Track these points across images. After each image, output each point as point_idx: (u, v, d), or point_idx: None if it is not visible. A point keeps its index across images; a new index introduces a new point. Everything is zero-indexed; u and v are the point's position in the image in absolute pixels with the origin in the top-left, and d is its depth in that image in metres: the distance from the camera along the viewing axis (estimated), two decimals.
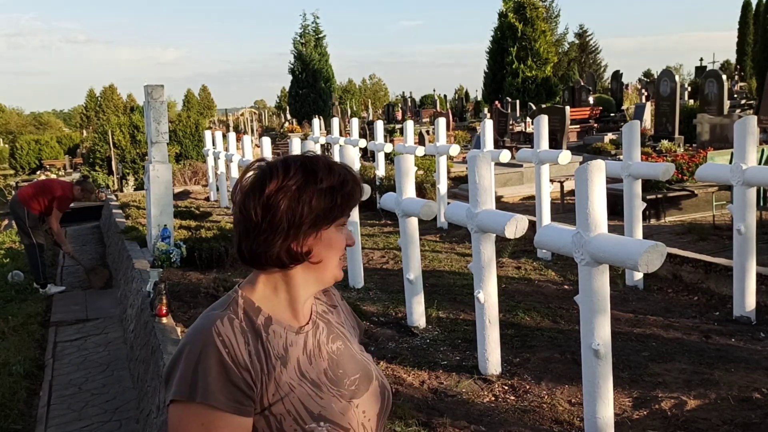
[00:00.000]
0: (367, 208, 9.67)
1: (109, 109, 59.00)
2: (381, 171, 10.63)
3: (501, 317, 4.44)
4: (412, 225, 5.13)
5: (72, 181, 9.53)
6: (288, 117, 35.33)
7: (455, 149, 8.68)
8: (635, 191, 5.81)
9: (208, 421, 1.20)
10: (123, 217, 10.24)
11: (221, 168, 12.01)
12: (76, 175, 19.35)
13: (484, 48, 36.36)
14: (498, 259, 5.37)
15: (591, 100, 23.08)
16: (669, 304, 5.58)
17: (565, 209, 9.11)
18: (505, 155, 7.89)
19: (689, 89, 25.30)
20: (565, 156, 6.72)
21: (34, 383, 5.60)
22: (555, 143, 11.43)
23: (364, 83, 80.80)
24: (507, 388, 4.03)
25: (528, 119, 20.44)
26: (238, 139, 12.55)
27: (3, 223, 13.83)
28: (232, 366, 1.22)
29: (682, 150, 12.27)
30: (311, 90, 33.82)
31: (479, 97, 36.70)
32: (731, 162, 5.34)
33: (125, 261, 7.66)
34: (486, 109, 27.58)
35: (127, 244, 8.16)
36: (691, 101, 19.88)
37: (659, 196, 8.30)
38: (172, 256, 6.97)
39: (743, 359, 4.30)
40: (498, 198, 9.64)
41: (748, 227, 4.89)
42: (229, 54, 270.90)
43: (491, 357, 4.20)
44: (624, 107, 23.44)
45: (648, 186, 7.90)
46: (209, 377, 1.20)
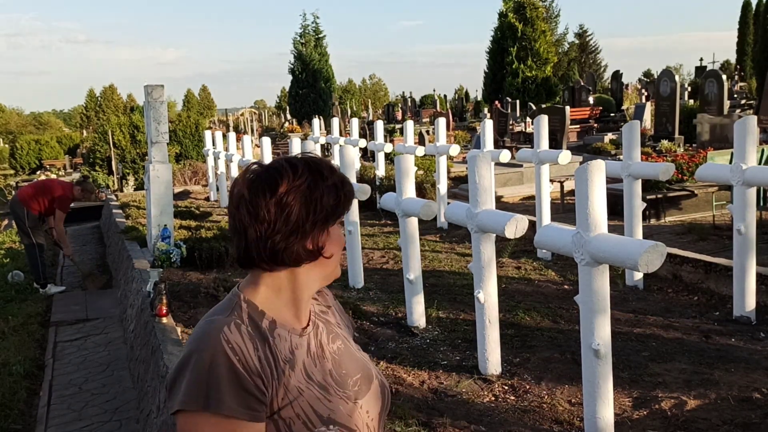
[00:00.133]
0: (367, 208, 9.66)
1: (109, 109, 58.97)
2: (381, 171, 10.64)
3: (501, 317, 4.44)
4: (412, 225, 5.13)
5: (72, 181, 9.54)
6: (288, 117, 35.32)
7: (455, 149, 8.68)
8: (635, 191, 5.81)
9: (222, 430, 1.19)
10: (123, 217, 10.24)
11: (221, 168, 12.02)
12: (76, 175, 19.34)
13: (484, 48, 36.43)
14: (498, 259, 5.37)
15: (591, 100, 23.07)
16: (669, 304, 5.58)
17: (565, 209, 9.11)
18: (505, 155, 7.89)
19: (689, 89, 25.29)
20: (565, 156, 6.72)
21: (34, 383, 5.60)
22: (555, 143, 11.42)
23: (364, 83, 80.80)
24: (507, 388, 4.03)
25: (528, 119, 20.43)
26: (238, 139, 12.55)
27: (3, 223, 13.83)
28: (243, 373, 1.21)
29: (682, 150, 12.27)
30: (311, 90, 33.80)
31: (479, 97, 36.70)
32: (731, 162, 5.34)
33: (125, 261, 7.66)
34: (486, 109, 27.58)
35: (127, 244, 8.16)
36: (691, 101, 19.88)
37: (659, 196, 8.30)
38: (172, 256, 6.97)
39: (743, 359, 4.30)
40: (498, 198, 9.64)
41: (748, 227, 4.89)
42: (229, 54, 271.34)
43: (491, 357, 4.20)
44: (624, 107, 23.44)
45: (648, 186, 7.90)
46: (221, 385, 1.19)
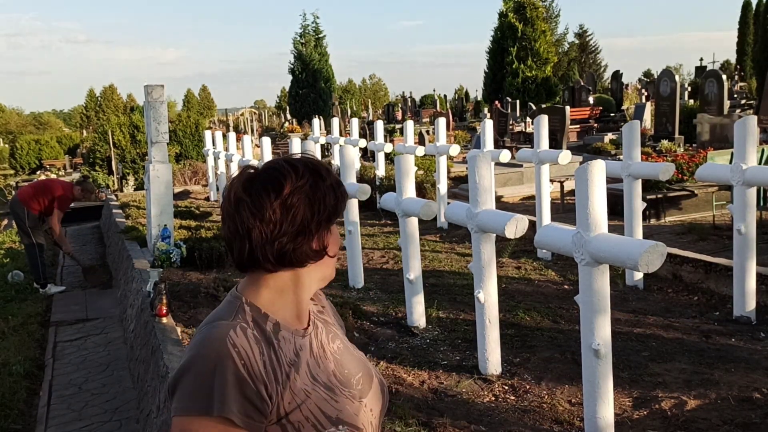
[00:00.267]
0: (367, 208, 9.66)
1: (109, 109, 58.94)
2: (381, 171, 10.64)
3: (501, 317, 4.44)
4: (412, 225, 5.13)
5: (72, 181, 9.54)
6: (288, 117, 35.30)
7: (455, 149, 8.68)
8: (635, 191, 5.81)
9: None
10: (123, 217, 10.24)
11: (221, 168, 12.02)
12: (76, 175, 19.34)
13: (484, 48, 36.44)
14: (498, 259, 5.37)
15: (591, 100, 23.07)
16: (669, 304, 5.58)
17: (565, 209, 9.11)
18: (505, 155, 7.89)
19: (689, 89, 25.29)
20: (565, 156, 6.72)
21: (34, 383, 5.60)
22: (555, 143, 11.42)
23: (364, 83, 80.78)
24: (507, 388, 4.03)
25: (528, 119, 20.44)
26: (238, 139, 12.55)
27: (3, 223, 13.84)
28: (247, 379, 1.20)
29: (682, 150, 12.26)
30: (311, 90, 33.80)
31: (479, 97, 36.69)
32: (731, 162, 5.33)
33: (125, 261, 7.66)
34: (486, 109, 27.57)
35: (127, 244, 8.16)
36: (691, 101, 19.88)
37: (659, 196, 8.30)
38: (172, 256, 6.97)
39: (743, 359, 4.30)
40: (498, 198, 9.64)
41: (748, 227, 4.89)
42: (229, 54, 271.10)
43: (491, 357, 4.20)
44: (624, 107, 23.44)
45: (648, 186, 7.90)
46: (226, 390, 1.18)
